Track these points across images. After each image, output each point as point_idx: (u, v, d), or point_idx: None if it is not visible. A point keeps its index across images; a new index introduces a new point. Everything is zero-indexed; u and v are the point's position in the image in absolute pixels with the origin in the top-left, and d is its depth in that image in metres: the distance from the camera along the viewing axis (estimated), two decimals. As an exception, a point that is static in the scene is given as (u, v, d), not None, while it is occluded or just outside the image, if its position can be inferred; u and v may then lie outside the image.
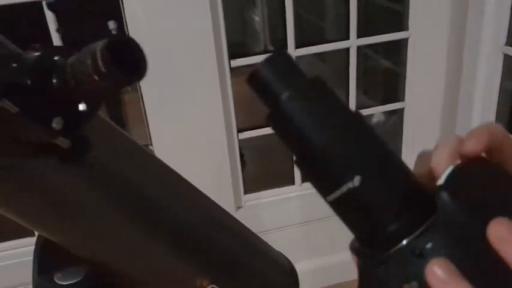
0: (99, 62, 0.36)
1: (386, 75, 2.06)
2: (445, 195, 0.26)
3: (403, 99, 1.78)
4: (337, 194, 0.28)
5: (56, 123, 0.39)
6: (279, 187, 1.80)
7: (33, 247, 0.61)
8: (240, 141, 1.68)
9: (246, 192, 1.76)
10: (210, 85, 1.51)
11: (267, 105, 0.29)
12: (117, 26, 0.42)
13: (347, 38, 1.64)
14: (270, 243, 0.64)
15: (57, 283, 0.66)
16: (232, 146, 1.64)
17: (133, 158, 0.52)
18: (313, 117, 0.28)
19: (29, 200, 0.47)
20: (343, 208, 0.30)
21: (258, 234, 0.62)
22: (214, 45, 1.46)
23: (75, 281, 0.63)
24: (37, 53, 0.40)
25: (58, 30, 0.47)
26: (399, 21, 1.72)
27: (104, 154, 0.47)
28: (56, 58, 0.40)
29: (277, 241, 0.58)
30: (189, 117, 1.52)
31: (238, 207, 1.75)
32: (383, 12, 1.94)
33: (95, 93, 0.39)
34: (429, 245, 0.25)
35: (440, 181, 0.27)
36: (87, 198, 0.48)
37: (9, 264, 1.64)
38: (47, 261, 0.66)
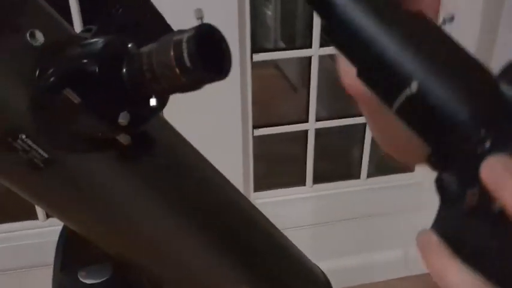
0: (185, 54, 0.31)
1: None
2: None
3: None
4: (397, 103, 0.26)
5: (123, 119, 0.35)
6: (289, 187, 1.77)
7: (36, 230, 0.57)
8: (254, 138, 1.64)
9: (255, 190, 1.72)
10: (230, 78, 1.46)
11: (325, 16, 0.29)
12: (202, 17, 0.38)
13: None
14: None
15: (81, 281, 0.62)
16: (246, 142, 1.60)
17: (190, 158, 0.48)
18: (371, 20, 0.27)
19: (73, 195, 0.43)
20: (411, 117, 0.27)
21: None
22: (238, 37, 1.42)
23: (101, 280, 0.59)
24: (106, 38, 0.36)
25: (116, 13, 0.42)
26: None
27: (162, 153, 0.44)
28: (129, 45, 0.36)
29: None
30: (205, 110, 1.48)
31: (247, 205, 1.72)
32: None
33: (170, 88, 0.34)
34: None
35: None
36: (139, 199, 0.44)
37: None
38: (71, 255, 0.62)
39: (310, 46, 1.58)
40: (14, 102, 0.37)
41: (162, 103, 0.37)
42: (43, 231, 1.56)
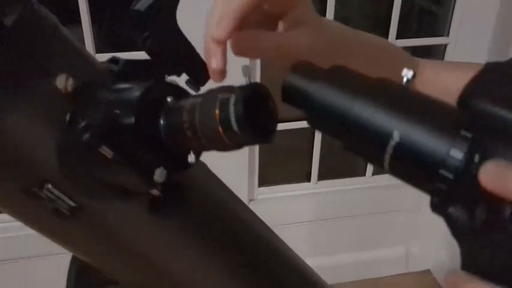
0: (232, 118, 0.29)
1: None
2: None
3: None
4: (387, 159, 0.27)
5: (159, 176, 0.33)
6: (294, 183, 1.75)
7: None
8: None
9: (260, 185, 1.71)
10: (237, 68, 1.43)
11: (303, 107, 0.32)
12: (249, 75, 0.36)
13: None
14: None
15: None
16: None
17: (222, 208, 0.46)
18: (341, 98, 0.29)
19: (98, 241, 0.41)
20: (403, 168, 0.28)
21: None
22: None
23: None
24: (142, 87, 0.34)
25: (145, 40, 0.40)
26: None
27: (192, 202, 0.41)
28: (168, 99, 0.33)
29: (286, 237, 0.55)
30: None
31: (251, 200, 1.70)
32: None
33: (210, 147, 0.32)
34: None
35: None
36: (165, 246, 0.42)
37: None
38: (84, 277, 0.61)
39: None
40: (40, 150, 0.34)
41: (197, 157, 0.35)
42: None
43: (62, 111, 0.34)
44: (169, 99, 0.34)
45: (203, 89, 0.46)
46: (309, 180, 1.75)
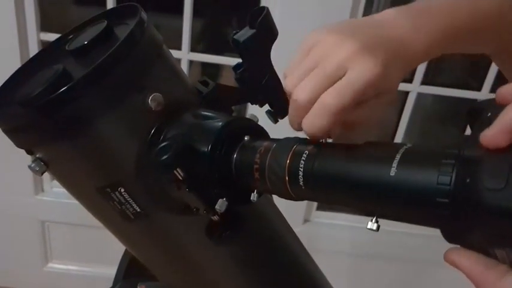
0: (300, 172, 0.30)
1: None
2: None
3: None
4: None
5: (220, 206, 0.35)
6: (353, 214, 1.72)
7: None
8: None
9: (318, 208, 1.70)
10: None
11: None
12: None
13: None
14: (319, 263, 0.60)
15: (138, 294, 0.64)
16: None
17: (274, 240, 0.47)
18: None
19: (154, 246, 0.44)
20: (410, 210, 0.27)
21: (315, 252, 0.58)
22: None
23: (156, 298, 0.61)
24: (226, 119, 0.36)
25: (243, 74, 0.41)
26: None
27: (248, 230, 0.43)
28: (245, 138, 0.35)
29: (328, 265, 0.54)
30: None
31: (306, 221, 1.70)
32: None
33: (273, 192, 0.33)
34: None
35: None
36: (215, 262, 0.44)
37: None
38: (135, 267, 0.64)
39: (409, 79, 1.52)
40: (122, 157, 0.37)
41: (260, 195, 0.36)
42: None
43: (148, 126, 0.36)
44: (246, 138, 0.35)
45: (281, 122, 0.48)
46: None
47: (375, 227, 0.28)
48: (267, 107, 0.46)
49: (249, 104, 0.45)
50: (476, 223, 0.23)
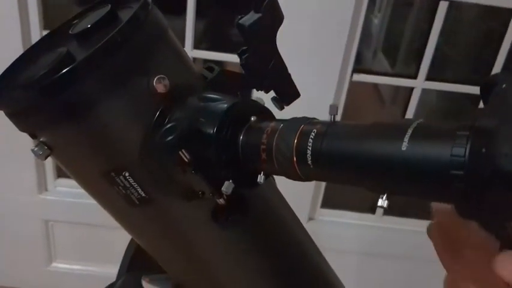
0: (309, 151, 0.30)
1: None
2: None
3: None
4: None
5: (226, 188, 0.34)
6: (358, 212, 1.72)
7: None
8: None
9: (323, 206, 1.69)
10: (325, 92, 1.43)
11: None
12: (335, 114, 0.37)
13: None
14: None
15: (142, 287, 0.63)
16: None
17: (279, 227, 0.47)
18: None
19: (159, 232, 0.44)
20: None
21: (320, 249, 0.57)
22: (343, 55, 1.38)
23: (160, 290, 0.60)
24: (231, 101, 0.35)
25: (243, 54, 0.41)
26: None
27: (253, 220, 0.42)
28: (252, 118, 0.35)
29: (333, 263, 0.53)
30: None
31: (311, 219, 1.69)
32: None
33: (281, 173, 0.33)
34: None
35: None
36: (221, 250, 0.43)
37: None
38: (139, 260, 0.64)
39: (414, 75, 1.51)
40: (126, 141, 0.37)
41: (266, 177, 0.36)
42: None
43: (153, 108, 0.36)
44: (252, 119, 0.35)
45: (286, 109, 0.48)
46: (373, 212, 1.71)
47: (385, 204, 0.27)
48: (272, 93, 0.45)
49: (254, 91, 0.45)
50: (493, 194, 0.22)
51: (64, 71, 0.32)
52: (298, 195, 1.57)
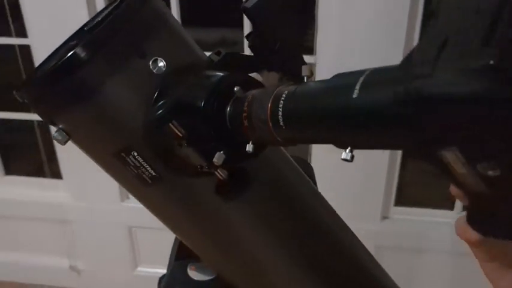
0: (280, 112, 0.30)
1: None
2: None
3: None
4: None
5: (217, 159, 0.35)
6: (435, 208, 1.63)
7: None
8: (404, 149, 1.54)
9: (396, 204, 1.63)
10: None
11: None
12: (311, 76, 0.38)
13: None
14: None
15: (188, 275, 0.66)
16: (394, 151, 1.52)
17: (287, 196, 0.47)
18: None
19: (176, 209, 0.46)
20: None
21: (397, 250, 0.55)
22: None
23: (206, 278, 0.63)
24: (220, 75, 0.37)
25: (254, 41, 0.42)
26: None
27: (260, 187, 0.43)
28: (235, 89, 0.36)
29: (414, 264, 0.51)
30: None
31: (384, 217, 1.64)
32: None
33: (262, 139, 0.34)
34: None
35: None
36: (226, 220, 0.45)
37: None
38: (185, 248, 0.66)
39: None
40: (130, 121, 0.39)
41: (259, 150, 0.36)
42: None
43: (152, 89, 0.38)
44: (236, 89, 0.36)
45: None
46: (452, 208, 1.62)
47: (349, 156, 0.27)
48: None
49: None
50: (424, 122, 0.21)
51: (63, 58, 0.35)
52: (369, 193, 1.54)
